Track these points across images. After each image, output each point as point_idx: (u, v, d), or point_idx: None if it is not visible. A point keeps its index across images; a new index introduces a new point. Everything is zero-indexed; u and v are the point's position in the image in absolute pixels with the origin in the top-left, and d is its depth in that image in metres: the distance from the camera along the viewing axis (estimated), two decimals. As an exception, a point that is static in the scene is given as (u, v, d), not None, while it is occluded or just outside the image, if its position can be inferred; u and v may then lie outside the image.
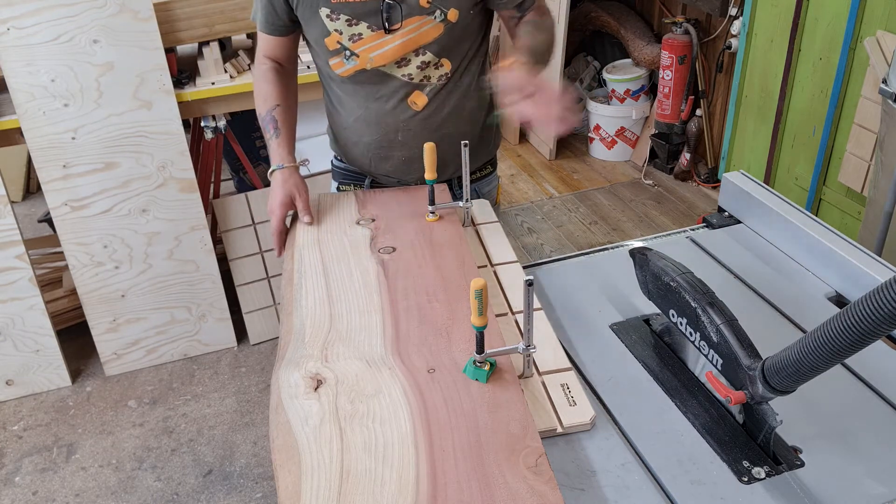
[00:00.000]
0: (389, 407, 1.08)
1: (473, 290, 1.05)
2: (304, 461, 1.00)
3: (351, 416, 1.06)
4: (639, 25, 4.13)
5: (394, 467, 0.98)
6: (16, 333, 2.63)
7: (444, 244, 1.47)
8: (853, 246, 1.43)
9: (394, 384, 1.12)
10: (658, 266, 1.19)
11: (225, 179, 3.73)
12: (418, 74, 1.59)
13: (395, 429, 1.04)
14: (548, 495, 0.93)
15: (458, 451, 1.00)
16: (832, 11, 2.89)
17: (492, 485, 0.95)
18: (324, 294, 1.34)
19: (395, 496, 0.93)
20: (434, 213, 1.55)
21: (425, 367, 1.15)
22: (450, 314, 1.27)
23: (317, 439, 1.03)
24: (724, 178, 1.70)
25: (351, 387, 1.12)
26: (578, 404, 1.13)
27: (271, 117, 1.64)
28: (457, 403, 1.08)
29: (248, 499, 2.28)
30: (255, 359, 2.86)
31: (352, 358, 1.18)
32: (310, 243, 1.49)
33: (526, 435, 1.02)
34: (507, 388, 1.11)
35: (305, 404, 1.09)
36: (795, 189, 3.25)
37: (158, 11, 2.43)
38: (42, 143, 2.46)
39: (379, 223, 1.55)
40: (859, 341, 0.86)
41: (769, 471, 1.02)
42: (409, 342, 1.21)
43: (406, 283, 1.35)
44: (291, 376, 1.15)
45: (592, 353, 1.27)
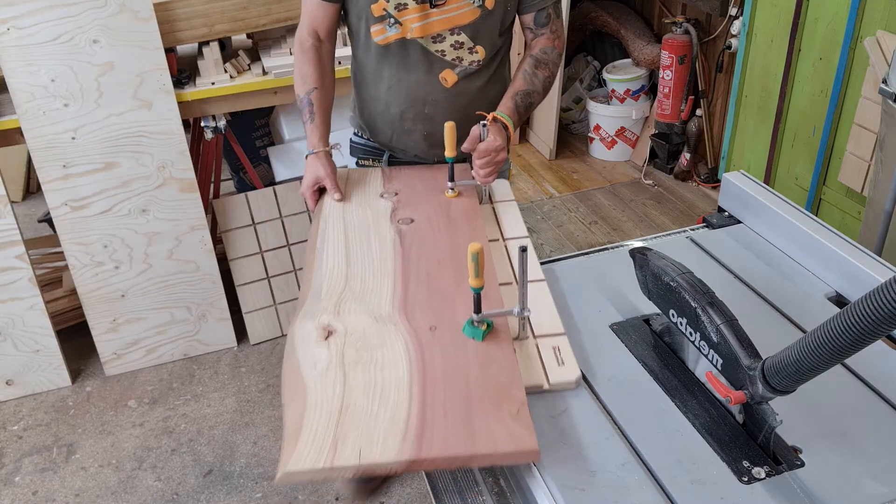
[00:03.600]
0: (390, 357, 1.19)
1: (470, 253, 1.15)
2: (310, 398, 1.11)
3: (355, 362, 1.18)
4: (639, 25, 4.13)
5: (388, 407, 1.09)
6: (16, 333, 2.63)
7: (459, 218, 1.57)
8: (853, 246, 1.43)
9: (397, 338, 1.23)
10: (658, 266, 1.19)
11: (225, 179, 3.73)
12: (451, 53, 1.71)
13: (394, 376, 1.15)
14: (524, 438, 1.04)
15: (448, 398, 1.10)
16: (832, 11, 2.89)
17: (475, 428, 1.06)
18: (343, 258, 1.46)
19: (386, 431, 1.05)
20: (453, 190, 1.65)
21: (427, 326, 1.26)
22: (456, 282, 1.36)
23: (322, 380, 1.15)
24: (724, 178, 1.70)
25: (358, 338, 1.23)
26: (566, 365, 1.21)
27: (308, 100, 1.73)
28: (452, 358, 1.19)
29: (248, 499, 2.28)
30: (255, 359, 2.86)
31: (362, 314, 1.29)
32: (335, 213, 1.62)
33: (512, 387, 1.13)
34: (501, 347, 1.21)
35: (315, 351, 1.21)
36: (795, 189, 3.25)
37: (158, 11, 2.43)
38: (42, 143, 2.46)
39: (401, 197, 1.66)
40: (859, 341, 0.86)
41: (769, 471, 1.02)
42: (416, 303, 1.31)
43: (419, 252, 1.46)
44: (306, 326, 1.27)
45: (592, 353, 1.27)
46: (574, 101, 4.58)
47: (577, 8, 4.37)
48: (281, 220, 2.93)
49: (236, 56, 2.69)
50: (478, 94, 1.79)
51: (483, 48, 1.73)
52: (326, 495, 2.27)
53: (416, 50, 1.71)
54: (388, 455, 1.02)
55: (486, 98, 1.79)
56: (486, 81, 1.79)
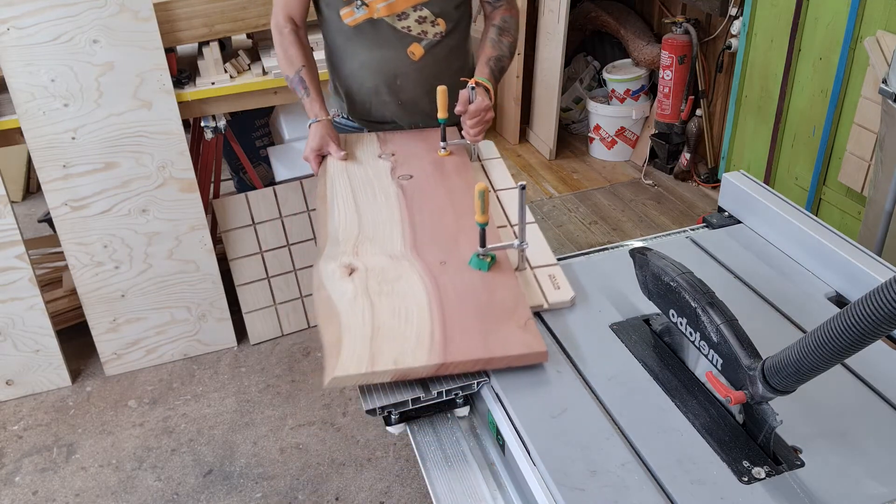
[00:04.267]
0: (409, 287, 1.35)
1: (477, 191, 1.31)
2: (343, 321, 1.27)
3: (378, 293, 1.34)
4: (639, 25, 4.13)
5: (413, 326, 1.26)
6: (16, 333, 2.63)
7: (453, 173, 1.75)
8: (853, 246, 1.43)
9: (412, 272, 1.40)
10: (658, 266, 1.19)
11: (225, 179, 3.73)
12: (416, 28, 1.86)
13: (414, 301, 1.32)
14: (533, 343, 1.23)
15: (463, 317, 1.28)
16: (832, 11, 2.88)
17: (490, 337, 1.23)
18: (353, 209, 1.61)
19: (415, 343, 1.22)
20: (445, 149, 1.82)
21: (437, 261, 1.43)
22: (458, 225, 1.54)
23: (352, 307, 1.30)
24: (724, 178, 1.70)
25: (378, 273, 1.39)
26: (562, 289, 1.40)
27: (299, 78, 1.88)
28: (463, 286, 1.36)
29: (248, 499, 2.28)
30: (255, 359, 2.86)
31: (377, 254, 1.46)
32: (340, 171, 1.77)
33: (517, 306, 1.31)
34: (504, 275, 1.39)
35: (341, 284, 1.37)
36: (795, 189, 3.25)
37: (158, 11, 2.43)
38: (42, 143, 2.46)
39: (398, 157, 1.83)
40: (859, 341, 0.86)
41: (769, 471, 1.02)
42: (424, 244, 1.49)
43: (422, 202, 1.63)
44: (329, 266, 1.42)
45: (592, 353, 1.27)
46: (574, 101, 4.58)
47: (577, 8, 4.37)
48: (281, 220, 2.93)
49: (236, 56, 2.69)
50: (443, 64, 1.94)
51: (443, 20, 1.88)
52: (326, 495, 2.27)
53: (383, 28, 1.86)
54: (419, 360, 1.19)
55: (450, 67, 1.95)
56: (449, 52, 1.94)
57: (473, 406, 1.32)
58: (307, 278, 2.98)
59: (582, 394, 1.18)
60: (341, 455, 2.41)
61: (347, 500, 2.26)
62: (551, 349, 1.28)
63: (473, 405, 1.32)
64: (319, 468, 2.37)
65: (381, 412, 1.22)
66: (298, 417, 2.57)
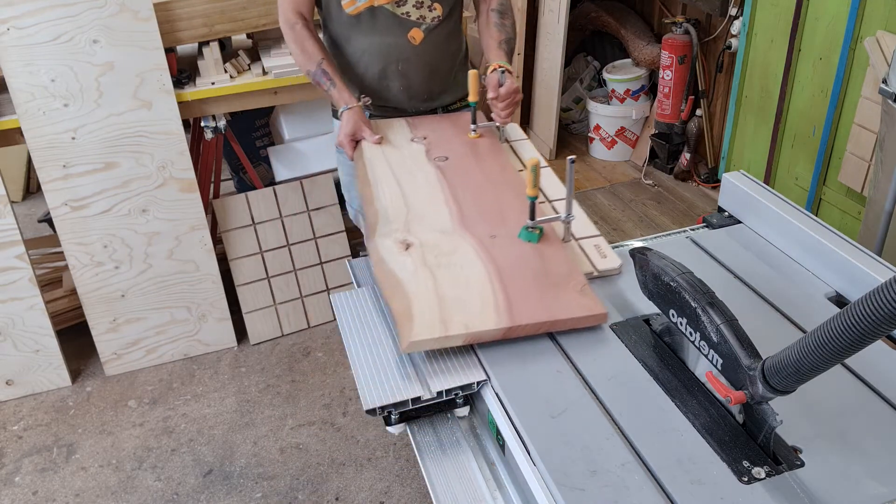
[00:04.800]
0: (465, 260, 1.42)
1: (530, 165, 1.40)
2: (410, 291, 1.33)
3: (437, 265, 1.41)
4: (639, 25, 4.13)
5: (476, 294, 1.32)
6: (16, 333, 2.63)
7: (487, 154, 1.82)
8: (853, 246, 1.43)
9: (465, 245, 1.46)
10: (658, 266, 1.19)
11: (225, 179, 3.73)
12: (415, 13, 1.91)
13: (472, 272, 1.38)
14: (593, 306, 1.30)
15: (522, 285, 1.34)
16: (832, 11, 2.88)
17: (551, 302, 1.30)
18: (397, 190, 1.67)
19: (481, 310, 1.28)
20: (475, 131, 1.89)
21: (487, 235, 1.49)
22: (499, 202, 1.61)
23: (415, 279, 1.37)
24: (724, 178, 1.70)
25: (433, 248, 1.46)
26: (608, 257, 1.48)
27: (321, 70, 1.90)
28: (516, 257, 1.43)
29: (248, 499, 2.28)
30: (255, 359, 2.86)
31: (428, 230, 1.52)
32: (377, 155, 1.82)
33: (571, 273, 1.38)
34: (554, 246, 1.46)
35: (400, 259, 1.43)
36: (795, 189, 3.25)
37: (158, 11, 2.43)
38: (42, 143, 2.46)
39: (430, 140, 1.88)
40: (859, 341, 0.86)
41: (769, 471, 1.02)
42: (472, 220, 1.55)
43: (461, 181, 1.69)
44: (385, 243, 1.48)
45: (592, 353, 1.27)
46: (574, 101, 4.58)
47: (577, 8, 4.37)
48: (281, 220, 2.93)
49: (236, 56, 2.69)
50: (441, 47, 2.00)
51: (440, 5, 1.93)
52: (326, 495, 2.27)
53: (383, 15, 1.90)
54: (488, 324, 1.26)
55: (447, 50, 2.02)
56: (447, 35, 2.00)
57: (473, 406, 1.32)
58: (307, 278, 2.98)
59: (582, 394, 1.18)
60: (341, 455, 2.41)
61: (347, 500, 2.26)
62: (551, 349, 1.28)
63: (473, 405, 1.32)
64: (319, 468, 2.37)
65: (381, 412, 1.22)
66: (298, 417, 2.57)
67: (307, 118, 3.18)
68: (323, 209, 2.98)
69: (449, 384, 1.23)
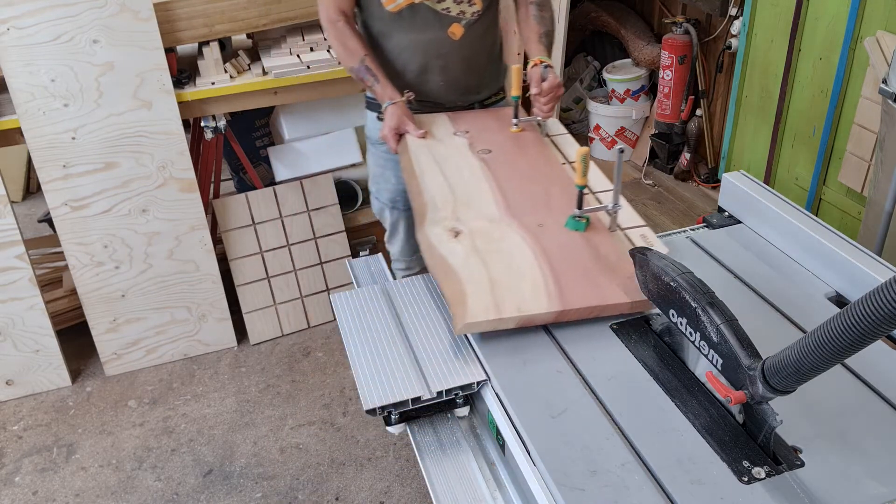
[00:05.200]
0: (514, 247, 1.45)
1: (580, 155, 1.45)
2: (462, 276, 1.37)
3: (487, 251, 1.43)
4: (639, 25, 4.12)
5: (527, 280, 1.35)
6: (16, 333, 2.63)
7: (530, 147, 1.86)
8: (853, 246, 1.43)
9: (514, 233, 1.49)
10: (658, 266, 1.19)
11: (225, 179, 3.73)
12: (455, 8, 1.92)
13: (522, 258, 1.41)
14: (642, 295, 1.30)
15: (571, 271, 1.37)
16: (832, 11, 2.88)
17: (601, 288, 1.34)
18: (443, 180, 1.70)
19: (533, 294, 1.32)
20: (517, 125, 1.92)
21: (535, 223, 1.52)
22: (545, 193, 1.64)
23: (467, 264, 1.40)
24: (724, 178, 1.70)
25: (482, 235, 1.49)
26: (655, 246, 1.47)
27: (364, 67, 1.92)
28: (564, 244, 1.46)
29: (248, 499, 2.28)
30: (255, 359, 2.86)
31: (476, 218, 1.55)
32: (421, 148, 1.85)
33: (619, 260, 1.40)
34: (601, 235, 1.50)
35: (451, 245, 1.46)
36: (795, 189, 3.25)
37: (158, 11, 2.43)
38: (42, 143, 2.46)
39: (472, 134, 1.91)
40: (859, 341, 0.86)
41: (769, 471, 1.02)
42: (519, 208, 1.58)
43: (506, 173, 1.72)
44: (434, 230, 1.52)
45: (592, 353, 1.27)
46: (574, 101, 4.58)
47: (577, 8, 4.37)
48: (281, 220, 2.93)
49: (236, 56, 2.69)
50: (480, 41, 2.01)
51: None
52: (326, 495, 2.27)
53: (423, 11, 1.91)
54: (540, 308, 1.29)
55: (485, 44, 2.04)
56: (486, 29, 2.01)
57: (473, 406, 1.32)
58: (307, 278, 2.98)
59: (582, 394, 1.18)
60: (341, 455, 2.41)
61: (347, 499, 2.26)
62: (551, 349, 1.28)
63: (473, 405, 1.32)
64: (319, 468, 2.37)
65: (381, 412, 1.22)
66: (298, 417, 2.57)
67: (307, 118, 3.18)
68: (323, 209, 2.98)
69: (449, 384, 1.23)
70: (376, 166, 2.18)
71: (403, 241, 2.26)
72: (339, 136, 3.14)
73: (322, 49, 2.74)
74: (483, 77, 2.10)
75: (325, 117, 3.13)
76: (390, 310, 1.44)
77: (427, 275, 1.53)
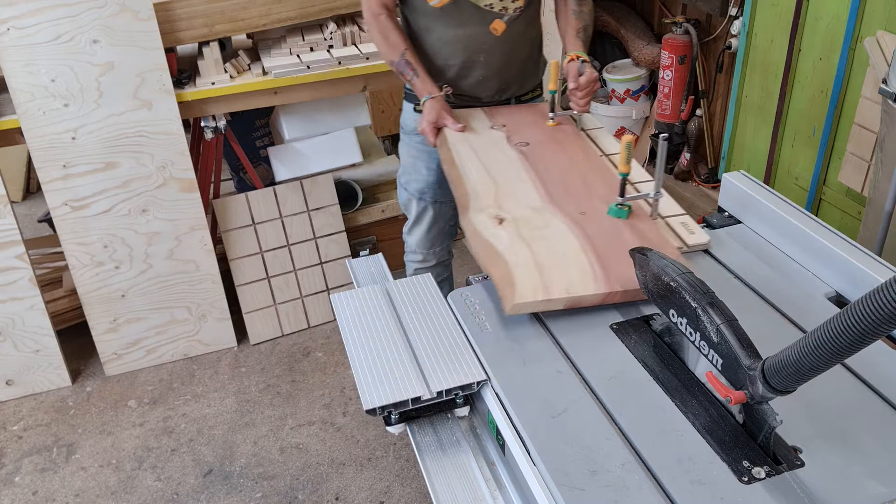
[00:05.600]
0: (558, 233, 1.48)
1: (624, 143, 1.47)
2: (509, 260, 1.39)
3: (531, 238, 1.46)
4: (639, 25, 4.12)
5: (573, 264, 1.39)
6: (16, 333, 2.63)
7: (567, 140, 1.89)
8: (853, 246, 1.43)
9: (557, 220, 1.52)
10: (658, 266, 1.19)
11: (225, 179, 3.73)
12: (497, 4, 1.94)
13: (567, 244, 1.44)
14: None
15: (616, 255, 1.39)
16: (832, 11, 2.88)
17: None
18: (483, 170, 1.73)
19: (580, 277, 1.35)
20: (553, 119, 1.96)
21: (577, 212, 1.55)
22: (585, 183, 1.67)
23: (512, 249, 1.43)
24: (724, 178, 1.70)
25: (525, 222, 1.52)
26: (697, 233, 1.53)
27: (405, 61, 1.96)
28: (608, 231, 1.48)
29: (248, 499, 2.28)
30: (255, 359, 2.86)
31: (520, 207, 1.57)
32: (460, 140, 1.88)
33: (664, 246, 1.42)
34: (643, 222, 1.52)
35: (496, 232, 1.49)
36: (795, 189, 3.25)
37: (158, 11, 2.43)
38: (42, 143, 2.46)
39: (509, 128, 1.95)
40: (859, 341, 0.86)
41: (769, 471, 1.02)
42: (560, 198, 1.61)
43: (545, 164, 1.75)
44: (479, 217, 1.54)
45: (592, 353, 1.27)
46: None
47: (577, 8, 4.36)
48: (281, 220, 2.93)
49: (236, 56, 2.69)
50: (522, 37, 2.04)
51: None
52: (326, 495, 2.27)
53: (467, 7, 1.93)
54: (588, 290, 1.32)
55: (527, 39, 2.06)
56: (527, 25, 2.03)
57: (473, 406, 1.32)
58: (307, 278, 2.98)
59: (582, 394, 1.18)
60: (341, 455, 2.41)
61: (347, 499, 2.26)
62: (551, 349, 1.28)
63: (473, 405, 1.32)
64: (319, 468, 2.37)
65: (381, 412, 1.22)
66: (298, 417, 2.57)
67: (307, 118, 3.18)
68: (323, 209, 2.98)
69: (449, 384, 1.23)
70: (408, 156, 2.21)
71: (424, 232, 2.29)
72: (339, 136, 3.13)
73: (322, 49, 2.74)
74: (523, 72, 2.12)
75: (325, 117, 3.13)
76: (390, 310, 1.44)
77: (428, 274, 1.53)
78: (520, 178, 1.70)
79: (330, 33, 2.74)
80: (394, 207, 3.21)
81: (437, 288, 1.48)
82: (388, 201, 3.22)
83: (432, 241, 2.32)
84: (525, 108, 2.09)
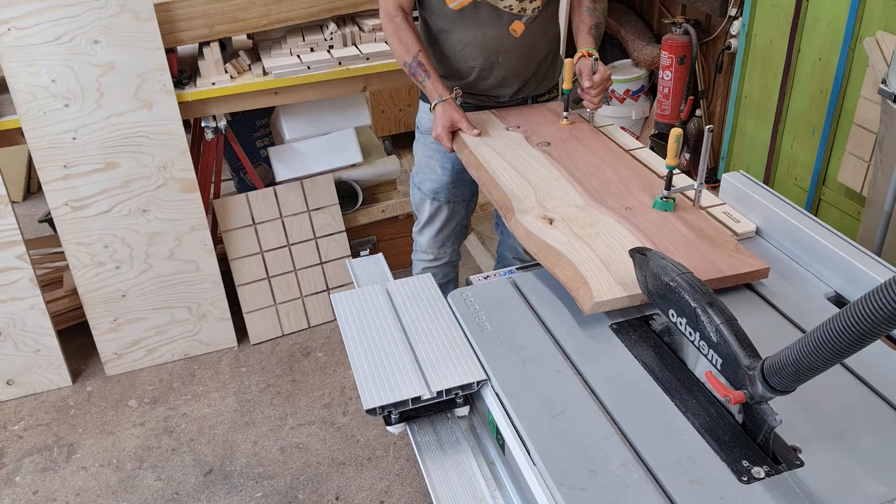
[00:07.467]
0: (609, 229, 1.47)
1: (673, 136, 1.49)
2: (574, 259, 1.38)
3: (586, 235, 1.45)
4: (638, 25, 4.13)
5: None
6: (16, 333, 2.63)
7: (585, 137, 1.90)
8: (853, 246, 1.43)
9: (605, 217, 1.51)
10: (658, 266, 1.19)
11: (225, 179, 3.73)
12: (516, 6, 1.95)
13: (622, 238, 1.44)
14: (755, 263, 1.37)
15: (677, 247, 1.40)
16: (832, 11, 2.88)
17: (713, 260, 1.35)
18: (514, 172, 1.71)
19: None
20: (567, 118, 1.99)
21: (622, 207, 1.55)
22: (619, 178, 1.67)
23: (573, 247, 1.42)
24: (724, 178, 1.70)
25: (574, 220, 1.50)
26: (741, 221, 1.55)
27: (417, 62, 1.96)
28: (658, 223, 1.48)
29: (248, 499, 2.28)
30: (255, 359, 2.86)
31: (564, 206, 1.56)
32: (480, 144, 1.87)
33: (718, 234, 1.44)
34: (690, 213, 1.53)
35: (549, 232, 1.47)
36: (795, 189, 3.25)
37: (159, 12, 2.43)
38: (43, 144, 2.46)
39: (524, 129, 1.95)
40: (859, 341, 0.86)
41: (769, 470, 1.02)
42: (600, 195, 1.60)
43: (573, 162, 1.75)
44: (527, 219, 1.53)
45: (592, 353, 1.27)
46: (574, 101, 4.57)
47: (577, 8, 4.36)
48: (281, 220, 2.93)
49: (237, 56, 2.69)
50: (540, 37, 2.05)
51: None
52: (326, 495, 2.28)
53: (485, 9, 1.94)
54: None
55: (545, 39, 2.08)
56: (546, 25, 2.05)
57: (473, 406, 1.32)
58: (307, 278, 2.98)
59: (582, 394, 1.18)
60: (341, 455, 2.41)
61: (347, 499, 2.26)
62: (551, 349, 1.28)
63: (473, 405, 1.32)
64: (320, 468, 2.37)
65: (381, 412, 1.23)
66: (299, 417, 2.57)
67: (307, 118, 3.18)
68: (323, 209, 2.98)
69: (449, 384, 1.23)
70: (423, 156, 2.22)
71: (436, 232, 2.31)
72: (339, 136, 3.13)
73: (322, 49, 2.74)
74: (541, 72, 2.14)
75: (325, 117, 3.13)
76: (390, 310, 1.44)
77: (429, 274, 1.53)
78: (552, 176, 1.69)
79: (330, 34, 2.74)
80: (394, 207, 3.21)
81: (437, 288, 1.48)
82: (389, 201, 3.22)
83: (443, 240, 2.33)
84: (534, 109, 2.09)
